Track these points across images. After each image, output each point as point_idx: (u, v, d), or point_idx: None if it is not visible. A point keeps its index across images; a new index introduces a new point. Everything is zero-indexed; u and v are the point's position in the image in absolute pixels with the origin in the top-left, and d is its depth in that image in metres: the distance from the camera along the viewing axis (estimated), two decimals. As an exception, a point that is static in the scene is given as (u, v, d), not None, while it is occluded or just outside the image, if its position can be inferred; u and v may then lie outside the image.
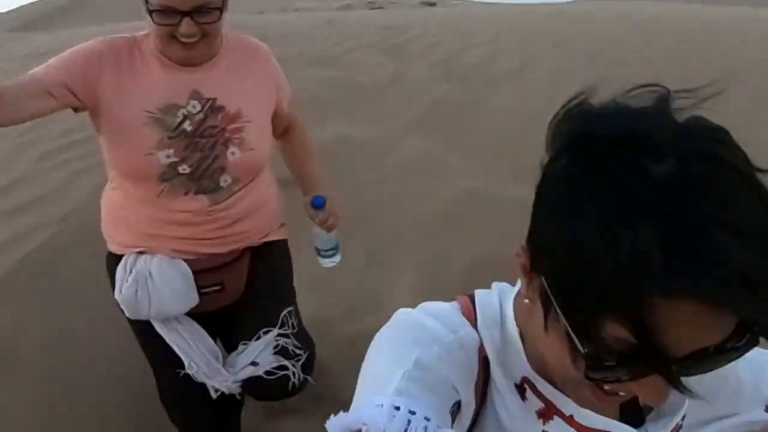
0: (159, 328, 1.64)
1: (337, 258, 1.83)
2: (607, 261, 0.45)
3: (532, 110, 4.48)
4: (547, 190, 0.54)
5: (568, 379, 0.60)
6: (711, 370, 0.49)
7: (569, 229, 0.49)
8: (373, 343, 0.66)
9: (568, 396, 0.63)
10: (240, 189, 1.57)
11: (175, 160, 1.47)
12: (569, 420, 0.63)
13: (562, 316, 0.51)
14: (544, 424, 0.64)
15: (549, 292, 0.53)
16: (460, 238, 3.19)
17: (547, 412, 0.64)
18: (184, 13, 1.39)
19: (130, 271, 1.58)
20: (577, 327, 0.50)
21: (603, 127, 0.50)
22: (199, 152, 1.49)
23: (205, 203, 1.53)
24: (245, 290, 1.71)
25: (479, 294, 0.70)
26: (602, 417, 0.63)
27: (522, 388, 0.64)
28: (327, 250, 1.79)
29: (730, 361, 0.49)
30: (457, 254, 3.04)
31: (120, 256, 1.61)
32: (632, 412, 0.67)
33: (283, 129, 1.79)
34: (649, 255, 0.44)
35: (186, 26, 1.40)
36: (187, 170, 1.49)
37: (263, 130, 1.61)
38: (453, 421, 0.61)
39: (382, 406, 0.55)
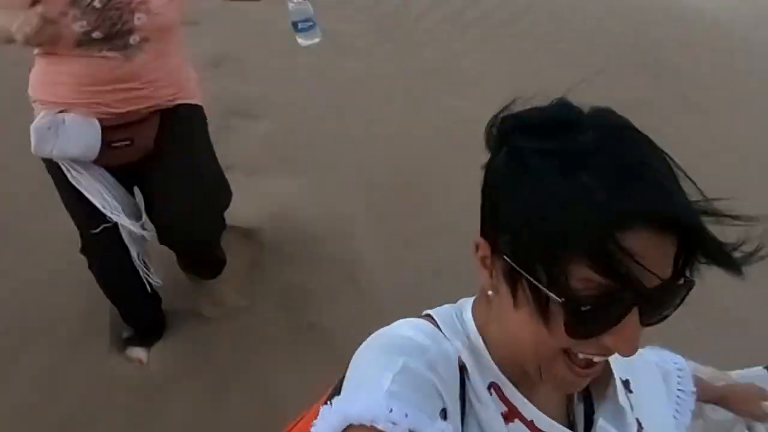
0: (72, 176, 1.86)
1: (316, 36, 1.88)
2: (561, 209, 0.54)
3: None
4: (497, 177, 0.62)
5: (539, 360, 0.63)
6: (672, 305, 0.59)
7: (522, 198, 0.58)
8: (355, 357, 0.67)
9: (530, 401, 0.68)
10: (149, 49, 1.81)
11: (88, 29, 1.73)
12: (529, 424, 0.68)
13: (531, 280, 0.57)
14: (506, 425, 0.67)
15: (513, 264, 0.59)
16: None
17: (510, 415, 0.68)
18: None
19: (49, 117, 1.81)
20: (548, 283, 0.56)
21: (532, 118, 0.62)
22: (108, 21, 1.75)
23: (118, 58, 1.78)
24: (156, 146, 1.96)
25: (435, 311, 0.73)
26: (557, 424, 0.68)
27: (489, 392, 0.67)
28: (302, 21, 1.85)
29: (682, 295, 0.59)
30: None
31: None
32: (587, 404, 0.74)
33: None
34: (594, 193, 0.54)
35: None
36: (100, 36, 1.75)
37: (167, 4, 1.83)
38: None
39: (375, 405, 0.56)
